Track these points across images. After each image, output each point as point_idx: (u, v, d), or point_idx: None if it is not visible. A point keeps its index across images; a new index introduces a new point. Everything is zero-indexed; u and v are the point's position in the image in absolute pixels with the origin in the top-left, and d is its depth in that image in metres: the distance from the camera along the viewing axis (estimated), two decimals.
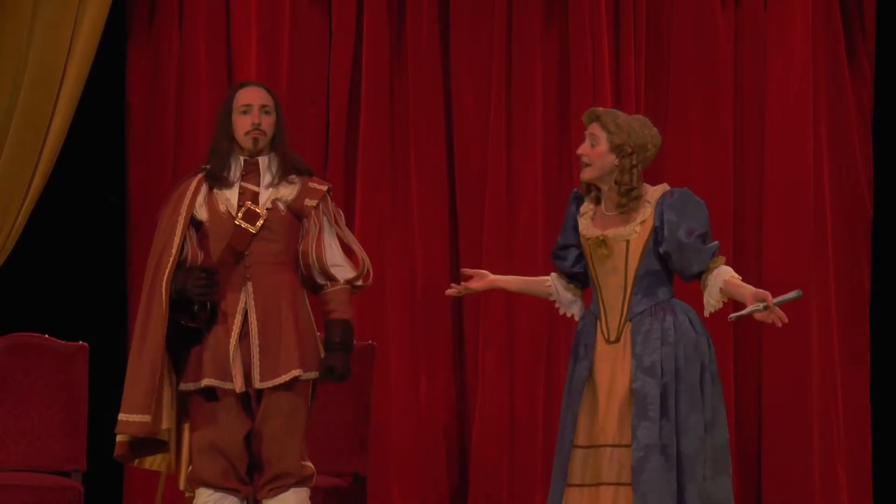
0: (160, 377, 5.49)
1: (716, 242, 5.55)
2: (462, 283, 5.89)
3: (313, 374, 5.65)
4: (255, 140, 5.68)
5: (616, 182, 5.59)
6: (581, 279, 5.81)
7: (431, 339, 7.54)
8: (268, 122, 5.72)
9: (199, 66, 7.42)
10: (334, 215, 5.78)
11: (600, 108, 5.67)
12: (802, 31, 7.66)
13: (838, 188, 7.78)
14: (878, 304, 7.79)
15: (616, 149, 5.59)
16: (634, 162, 5.58)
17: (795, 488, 7.50)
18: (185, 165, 7.32)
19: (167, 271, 5.53)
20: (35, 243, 7.12)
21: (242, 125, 5.70)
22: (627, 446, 5.50)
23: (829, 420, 7.62)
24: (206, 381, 5.56)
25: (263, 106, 5.72)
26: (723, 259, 5.54)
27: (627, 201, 5.59)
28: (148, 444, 5.64)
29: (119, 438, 5.61)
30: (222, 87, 7.44)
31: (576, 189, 5.82)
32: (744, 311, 5.41)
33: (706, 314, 5.58)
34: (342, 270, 5.73)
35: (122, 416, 5.53)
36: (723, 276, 5.50)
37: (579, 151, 5.63)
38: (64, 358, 6.62)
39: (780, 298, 5.41)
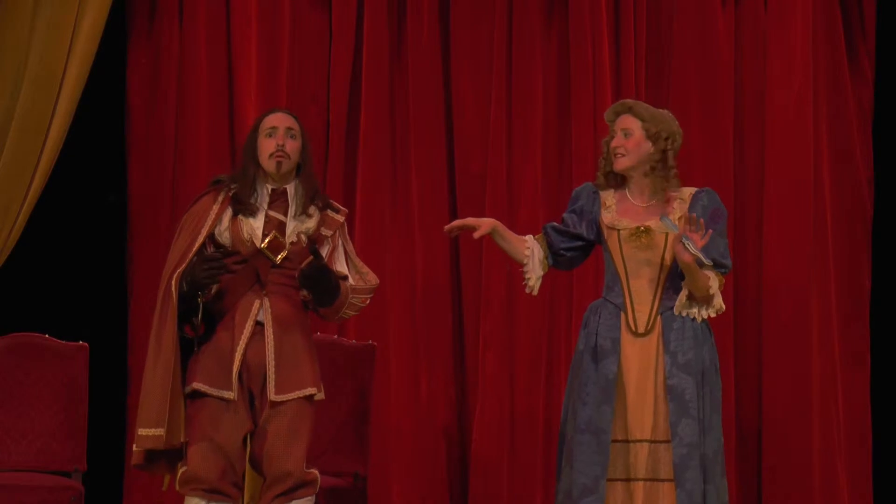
0: (174, 389, 5.46)
1: (727, 260, 5.63)
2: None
3: (322, 396, 5.66)
4: (279, 163, 5.63)
5: (652, 168, 5.66)
6: (561, 262, 5.82)
7: (431, 339, 7.54)
8: (292, 147, 5.67)
9: (199, 66, 7.41)
10: (349, 242, 5.81)
11: (629, 100, 5.76)
12: (802, 31, 7.66)
13: (838, 188, 7.78)
14: (879, 304, 7.79)
15: (652, 136, 5.69)
16: (670, 146, 5.67)
17: (795, 488, 7.50)
18: (185, 165, 7.33)
19: (178, 274, 5.51)
20: (35, 243, 7.11)
21: (267, 147, 5.66)
22: (663, 442, 5.52)
23: (829, 420, 7.61)
24: (196, 386, 5.54)
25: (289, 129, 5.68)
26: (720, 276, 5.61)
27: (665, 185, 5.65)
28: (164, 454, 5.59)
29: (135, 449, 5.57)
30: (222, 86, 7.45)
31: (589, 183, 5.85)
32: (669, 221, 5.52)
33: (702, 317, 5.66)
34: (351, 277, 5.77)
35: (140, 431, 5.49)
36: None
37: (614, 144, 5.68)
38: (64, 358, 6.62)
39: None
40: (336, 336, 7.03)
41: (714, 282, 5.62)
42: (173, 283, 5.48)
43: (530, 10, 7.61)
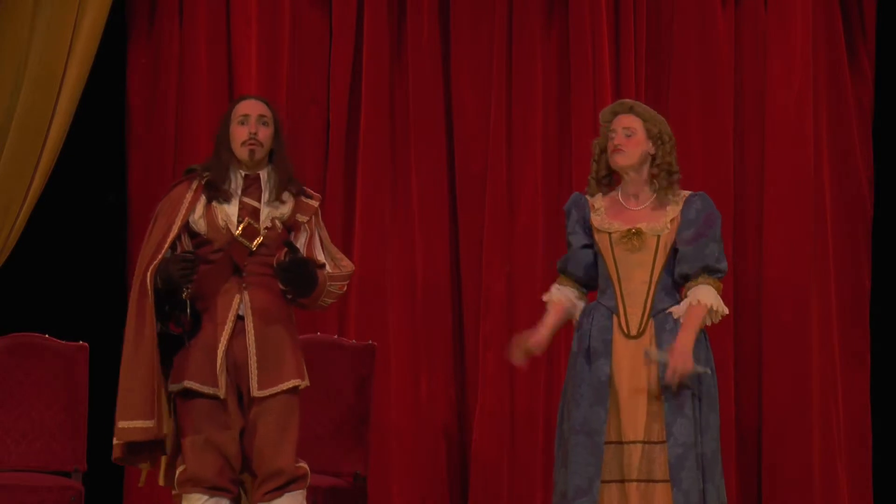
0: (158, 380, 5.47)
1: (722, 264, 5.62)
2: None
3: (307, 384, 5.65)
4: (252, 151, 5.64)
5: (660, 168, 5.66)
6: (590, 284, 5.83)
7: (431, 339, 7.54)
8: (265, 134, 5.68)
9: (199, 66, 7.42)
10: (323, 229, 5.80)
11: (628, 100, 5.78)
12: (802, 31, 7.66)
13: (838, 188, 7.77)
14: (879, 304, 7.79)
15: (654, 137, 5.69)
16: (670, 149, 5.68)
17: (795, 488, 7.50)
18: (184, 165, 7.31)
19: (153, 269, 5.51)
20: (35, 243, 7.12)
21: (239, 135, 5.66)
22: (657, 443, 5.52)
23: (829, 420, 7.61)
24: (187, 384, 5.53)
25: (261, 116, 5.69)
26: (716, 282, 5.60)
27: (670, 185, 5.66)
28: (146, 445, 5.60)
29: (116, 442, 5.57)
30: (222, 86, 7.45)
31: (576, 193, 5.85)
32: (656, 356, 5.52)
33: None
34: (328, 265, 5.75)
35: (122, 424, 5.48)
36: (694, 299, 5.59)
37: (616, 141, 5.68)
38: (64, 358, 6.62)
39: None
40: (336, 336, 7.03)
41: (711, 293, 5.61)
42: (148, 278, 5.48)
43: (530, 10, 7.61)
